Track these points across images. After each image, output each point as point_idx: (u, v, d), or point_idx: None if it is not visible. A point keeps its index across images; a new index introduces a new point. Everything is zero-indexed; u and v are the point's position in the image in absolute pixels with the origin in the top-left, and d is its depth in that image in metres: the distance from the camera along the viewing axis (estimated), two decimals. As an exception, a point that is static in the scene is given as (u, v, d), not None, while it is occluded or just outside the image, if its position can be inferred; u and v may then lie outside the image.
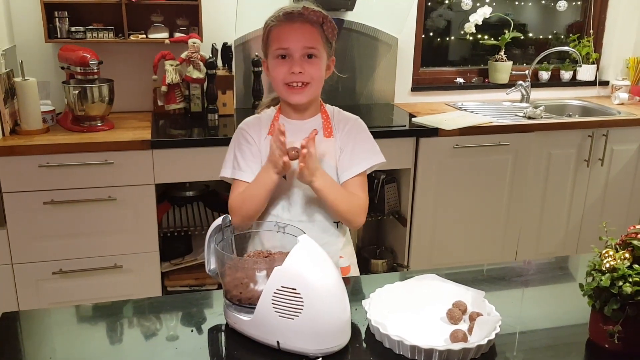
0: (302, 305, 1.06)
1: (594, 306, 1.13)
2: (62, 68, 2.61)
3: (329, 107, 1.57)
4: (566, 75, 3.60)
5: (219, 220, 1.24)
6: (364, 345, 1.15)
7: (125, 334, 1.22)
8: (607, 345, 1.13)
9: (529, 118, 3.00)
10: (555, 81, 3.62)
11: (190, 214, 2.84)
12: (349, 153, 1.51)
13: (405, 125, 2.81)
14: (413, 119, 2.88)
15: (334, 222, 1.55)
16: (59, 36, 2.63)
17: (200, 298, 1.36)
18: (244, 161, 1.51)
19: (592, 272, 1.13)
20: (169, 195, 2.87)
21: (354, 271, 1.63)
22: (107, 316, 1.27)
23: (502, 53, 3.44)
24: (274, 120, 1.53)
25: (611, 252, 1.13)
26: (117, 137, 2.44)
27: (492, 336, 1.10)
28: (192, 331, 1.20)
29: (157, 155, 2.42)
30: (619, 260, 1.10)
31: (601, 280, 1.09)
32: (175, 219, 2.78)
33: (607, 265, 1.10)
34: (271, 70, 1.47)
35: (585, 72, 3.59)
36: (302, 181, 1.40)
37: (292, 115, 1.53)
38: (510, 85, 3.40)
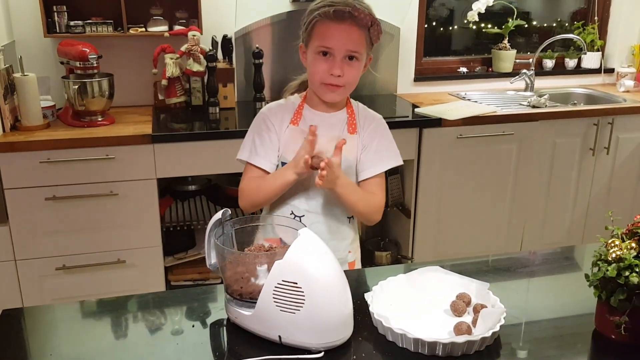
0: (304, 299, 1.05)
1: (600, 297, 1.11)
2: (62, 63, 2.60)
3: (354, 103, 1.57)
4: (571, 63, 3.56)
5: (218, 215, 1.22)
6: (367, 338, 1.13)
7: (127, 330, 1.21)
8: (613, 336, 1.12)
9: (533, 107, 2.98)
10: (559, 69, 3.58)
11: (192, 208, 2.83)
12: (371, 152, 1.51)
13: (408, 116, 2.79)
14: (416, 110, 2.85)
15: (347, 217, 1.55)
16: (57, 31, 2.61)
17: (201, 293, 1.35)
18: (262, 147, 1.50)
19: (598, 262, 1.11)
20: (171, 189, 2.86)
21: (358, 267, 1.63)
22: (109, 312, 1.27)
23: (505, 41, 3.41)
24: (298, 109, 1.52)
25: (617, 242, 1.11)
26: (117, 131, 2.43)
27: (497, 328, 1.09)
28: (193, 326, 1.19)
29: (158, 149, 2.41)
30: (625, 250, 1.09)
31: (607, 270, 1.07)
32: (178, 213, 2.77)
33: (614, 255, 1.09)
34: (310, 65, 1.45)
35: (590, 59, 3.56)
36: (321, 187, 1.39)
37: (318, 106, 1.51)
38: (514, 74, 3.37)
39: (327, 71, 1.41)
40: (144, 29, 2.71)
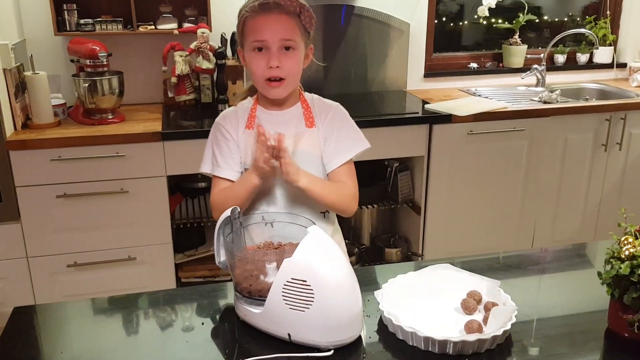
0: (313, 297, 1.05)
1: (613, 295, 1.10)
2: (72, 61, 2.61)
3: (308, 96, 1.53)
4: (582, 58, 3.53)
5: (227, 212, 1.22)
6: (377, 336, 1.13)
7: (138, 327, 1.22)
8: (626, 335, 1.11)
9: (545, 102, 2.95)
10: (571, 64, 3.55)
11: (202, 205, 2.83)
12: (333, 142, 1.48)
13: (418, 112, 2.77)
14: (426, 106, 2.84)
15: (321, 213, 1.52)
16: (68, 29, 2.62)
17: (211, 290, 1.35)
18: (222, 157, 1.48)
19: (611, 259, 1.10)
20: (181, 186, 2.87)
21: None
22: (119, 309, 1.27)
23: (516, 37, 3.38)
24: (251, 112, 1.49)
25: (630, 239, 1.10)
26: (128, 129, 2.44)
27: (508, 326, 1.08)
28: (202, 324, 1.20)
29: (168, 147, 2.42)
30: (638, 248, 1.07)
31: (620, 268, 1.06)
32: (188, 210, 2.78)
33: (627, 252, 1.08)
34: (249, 64, 1.43)
35: (602, 54, 3.52)
36: (288, 182, 1.37)
37: (270, 106, 1.49)
38: (525, 69, 3.34)
39: (265, 66, 1.38)
40: (153, 27, 2.71)
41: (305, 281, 1.05)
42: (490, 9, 3.28)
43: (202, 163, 1.53)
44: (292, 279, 1.06)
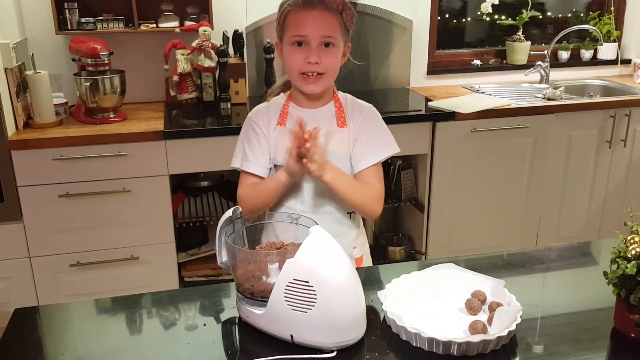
0: (315, 298, 1.03)
1: (619, 295, 1.09)
2: (74, 60, 2.61)
3: (341, 95, 1.53)
4: (586, 54, 3.50)
5: (229, 212, 1.21)
6: (380, 337, 1.12)
7: (140, 328, 1.21)
8: (632, 335, 1.09)
9: (549, 99, 2.93)
10: (575, 61, 3.53)
11: (205, 204, 2.83)
12: (363, 143, 1.48)
13: (421, 110, 2.76)
14: (429, 103, 2.82)
15: (347, 213, 1.52)
16: (69, 28, 2.62)
17: (213, 291, 1.34)
18: (252, 153, 1.49)
19: (617, 259, 1.09)
20: (183, 185, 2.86)
21: (367, 261, 1.61)
22: (121, 310, 1.27)
23: (520, 33, 3.36)
24: (283, 109, 1.49)
25: (637, 238, 1.08)
26: (130, 128, 2.43)
27: (513, 327, 1.07)
28: (204, 325, 1.19)
29: (170, 145, 2.41)
30: (645, 247, 1.06)
31: (626, 267, 1.05)
32: (191, 209, 2.77)
33: (633, 252, 1.06)
34: (286, 57, 1.43)
35: (607, 50, 3.50)
36: (312, 176, 1.37)
37: (303, 103, 1.48)
38: (528, 66, 3.32)
39: (303, 60, 1.38)
40: (155, 25, 2.70)
41: (308, 282, 1.04)
42: (493, 6, 3.26)
43: (233, 158, 1.53)
44: (294, 279, 1.05)
